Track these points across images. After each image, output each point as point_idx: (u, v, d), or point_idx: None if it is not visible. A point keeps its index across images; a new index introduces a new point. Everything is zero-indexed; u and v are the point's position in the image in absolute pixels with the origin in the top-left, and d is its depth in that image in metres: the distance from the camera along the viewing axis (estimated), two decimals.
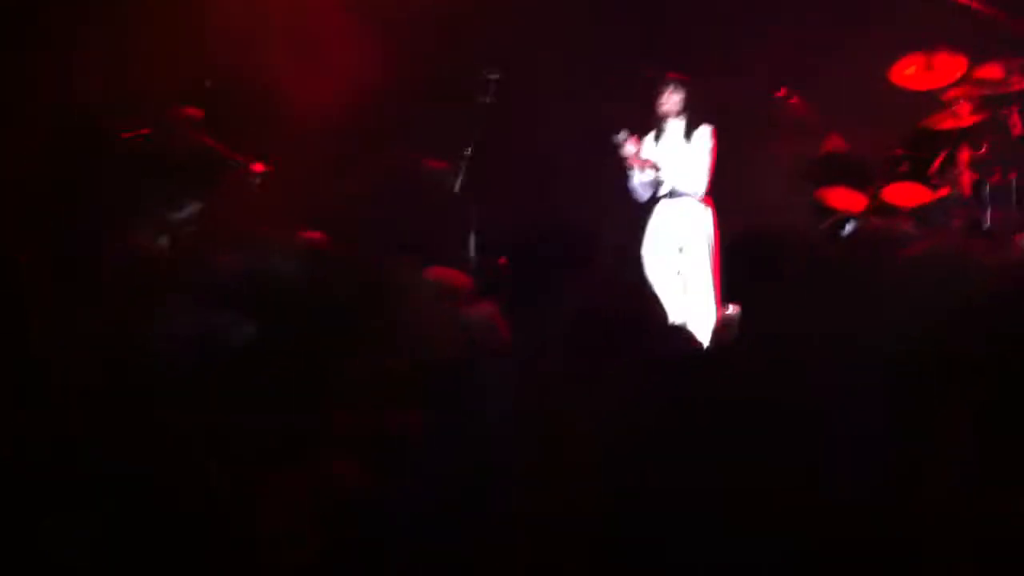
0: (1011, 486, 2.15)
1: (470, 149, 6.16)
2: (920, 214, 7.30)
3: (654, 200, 6.58)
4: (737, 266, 3.40)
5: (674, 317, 6.17)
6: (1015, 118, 7.13)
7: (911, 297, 2.50)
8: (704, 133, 6.42)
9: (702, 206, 6.48)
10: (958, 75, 7.32)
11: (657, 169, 6.41)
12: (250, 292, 3.13)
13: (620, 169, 6.66)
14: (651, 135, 6.52)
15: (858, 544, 2.15)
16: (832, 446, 2.29)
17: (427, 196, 6.72)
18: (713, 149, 6.41)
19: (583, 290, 2.71)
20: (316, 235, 4.01)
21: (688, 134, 6.45)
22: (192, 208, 7.33)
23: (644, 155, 6.39)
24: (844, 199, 7.47)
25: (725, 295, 3.64)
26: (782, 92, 7.83)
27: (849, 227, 6.57)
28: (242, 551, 2.09)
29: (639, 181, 6.52)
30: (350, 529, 2.24)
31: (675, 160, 6.46)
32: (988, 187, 7.07)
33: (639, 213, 6.64)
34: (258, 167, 7.20)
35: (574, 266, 3.12)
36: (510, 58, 6.82)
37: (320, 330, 2.70)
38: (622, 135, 6.41)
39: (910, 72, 7.40)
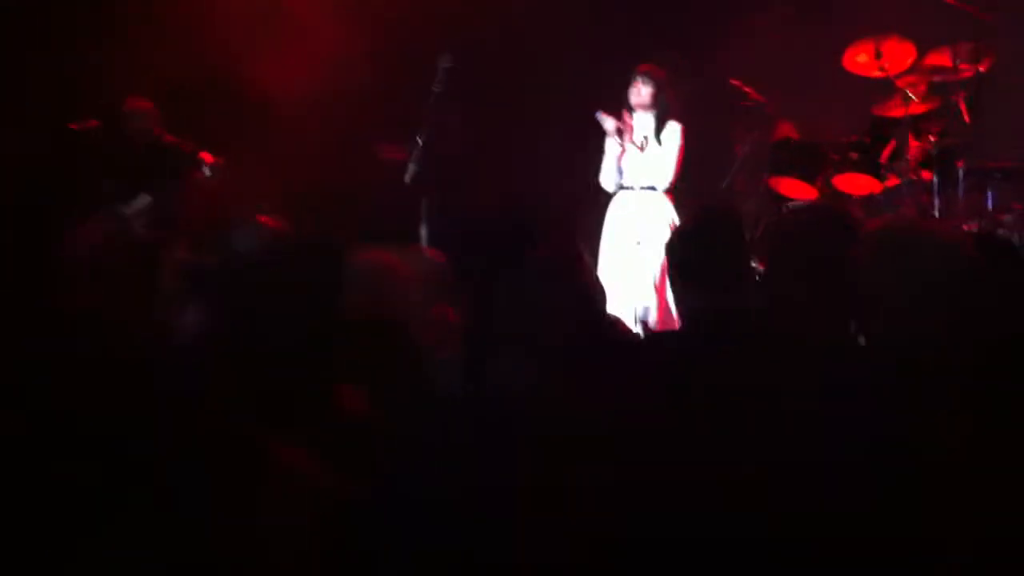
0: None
1: (422, 138, 6.11)
2: (870, 201, 7.38)
3: (617, 191, 6.55)
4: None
5: (627, 308, 6.20)
6: (964, 105, 7.19)
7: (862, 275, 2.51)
8: (674, 129, 6.40)
9: (664, 200, 6.45)
10: (908, 62, 7.38)
11: (631, 136, 6.36)
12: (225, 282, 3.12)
13: (585, 158, 6.64)
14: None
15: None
16: (788, 431, 2.29)
17: (382, 186, 6.67)
18: (681, 147, 6.39)
19: (531, 279, 2.68)
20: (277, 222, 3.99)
21: (658, 128, 6.42)
22: (143, 201, 7.27)
23: (625, 126, 6.34)
24: (796, 187, 7.52)
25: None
26: (736, 81, 7.87)
27: None
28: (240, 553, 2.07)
29: (610, 165, 6.48)
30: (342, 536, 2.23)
31: (642, 152, 6.43)
32: (936, 175, 7.13)
33: (600, 203, 6.61)
34: (209, 158, 7.13)
35: (524, 254, 3.11)
36: (470, 47, 6.79)
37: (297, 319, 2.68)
38: (599, 113, 6.37)
39: (861, 59, 7.45)
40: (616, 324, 3.05)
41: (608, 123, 6.37)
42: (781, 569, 2.14)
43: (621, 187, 6.52)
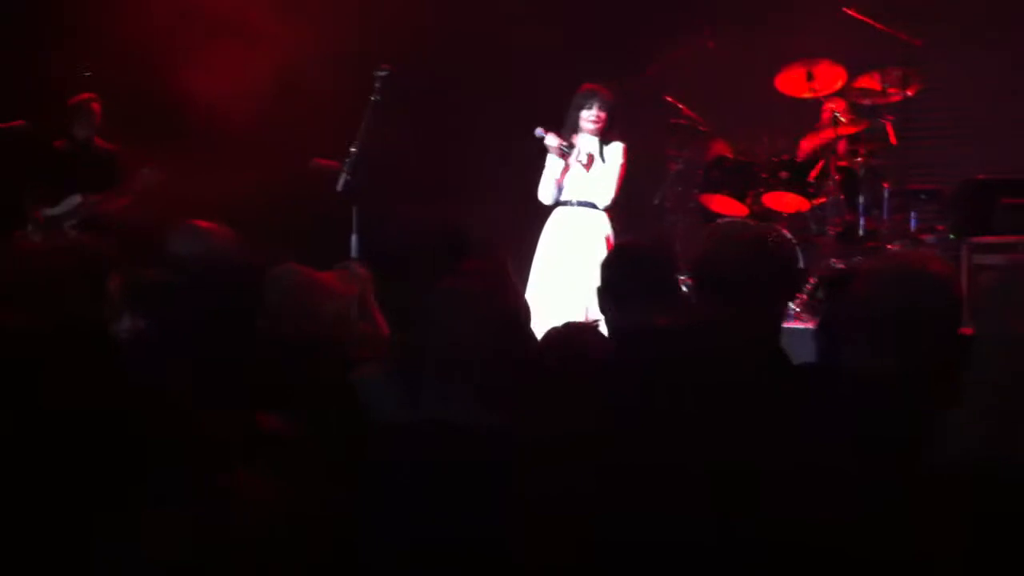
0: None
1: (355, 147, 6.08)
2: (798, 220, 7.49)
3: (555, 205, 6.54)
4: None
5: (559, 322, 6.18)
6: (891, 128, 7.34)
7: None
8: (617, 147, 6.39)
9: (602, 216, 6.45)
10: (839, 85, 7.52)
11: (573, 155, 6.34)
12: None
13: (522, 171, 6.63)
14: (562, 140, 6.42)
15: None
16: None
17: (312, 195, 6.63)
18: (623, 165, 6.38)
19: (453, 297, 2.70)
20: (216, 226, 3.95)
21: (602, 147, 6.40)
22: (72, 202, 7.19)
23: (564, 145, 6.30)
24: (726, 204, 7.62)
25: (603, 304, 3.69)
26: (670, 98, 7.94)
27: None
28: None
29: (550, 181, 6.45)
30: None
31: (583, 169, 6.42)
32: (862, 196, 7.27)
33: (537, 217, 6.60)
34: (143, 162, 7.07)
35: (452, 266, 3.13)
36: (408, 57, 6.77)
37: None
38: (539, 130, 6.31)
39: (793, 80, 7.57)
40: (583, 330, 3.09)
41: (551, 141, 6.31)
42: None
43: (559, 202, 6.51)
